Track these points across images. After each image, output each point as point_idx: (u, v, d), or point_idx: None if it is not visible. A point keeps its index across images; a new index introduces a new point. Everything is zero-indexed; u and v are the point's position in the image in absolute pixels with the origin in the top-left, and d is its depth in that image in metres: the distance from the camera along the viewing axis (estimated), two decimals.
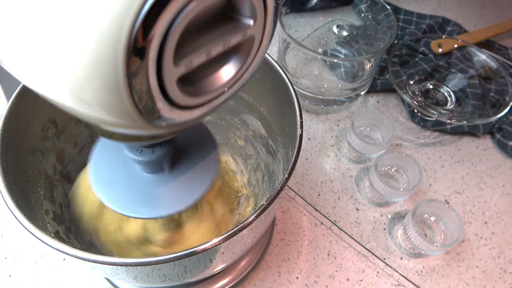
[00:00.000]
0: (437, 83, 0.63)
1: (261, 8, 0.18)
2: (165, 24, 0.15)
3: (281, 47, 0.60)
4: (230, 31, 0.18)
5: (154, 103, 0.17)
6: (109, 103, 0.16)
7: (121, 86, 0.15)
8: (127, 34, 0.14)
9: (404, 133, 0.59)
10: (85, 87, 0.16)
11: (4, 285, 0.43)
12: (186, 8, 0.15)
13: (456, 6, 0.78)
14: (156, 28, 0.14)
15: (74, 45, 0.14)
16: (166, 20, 0.15)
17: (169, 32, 0.15)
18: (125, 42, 0.14)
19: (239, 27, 0.18)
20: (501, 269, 0.47)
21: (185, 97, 0.18)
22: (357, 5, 0.65)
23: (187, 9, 0.15)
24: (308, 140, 0.57)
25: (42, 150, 0.35)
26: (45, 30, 0.15)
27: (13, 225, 0.47)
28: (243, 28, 0.18)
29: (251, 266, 0.44)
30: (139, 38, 0.14)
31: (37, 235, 0.25)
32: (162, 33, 0.15)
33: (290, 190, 0.52)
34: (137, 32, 0.14)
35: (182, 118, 0.19)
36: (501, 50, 0.69)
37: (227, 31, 0.18)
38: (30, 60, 0.16)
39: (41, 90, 0.17)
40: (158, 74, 0.16)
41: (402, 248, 0.48)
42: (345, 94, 0.59)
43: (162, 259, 0.24)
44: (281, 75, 0.35)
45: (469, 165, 0.56)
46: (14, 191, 0.28)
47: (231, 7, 0.18)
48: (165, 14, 0.14)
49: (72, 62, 0.15)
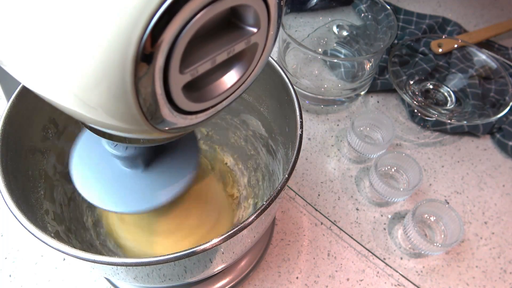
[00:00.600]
0: (437, 83, 0.63)
1: (264, 17, 0.18)
2: (173, 33, 0.15)
3: (281, 47, 0.60)
4: (234, 39, 0.18)
5: (160, 108, 0.17)
6: (115, 108, 0.16)
7: (128, 92, 0.16)
8: (136, 43, 0.14)
9: (404, 133, 0.59)
10: (91, 92, 0.16)
11: (4, 285, 0.43)
12: (193, 18, 0.15)
13: (456, 6, 0.78)
14: (165, 37, 0.15)
15: (84, 52, 0.15)
16: (174, 30, 0.15)
17: (176, 41, 0.15)
18: (134, 51, 0.14)
19: (243, 35, 0.18)
20: (501, 269, 0.47)
21: (190, 103, 0.18)
22: (357, 5, 0.65)
23: (194, 19, 0.15)
24: (308, 140, 0.57)
25: (42, 150, 0.35)
26: (55, 38, 0.15)
27: (13, 225, 0.47)
28: (247, 36, 0.18)
29: (251, 266, 0.44)
30: (148, 47, 0.14)
31: (37, 235, 0.25)
32: (170, 42, 0.15)
33: (290, 190, 0.52)
34: (146, 41, 0.14)
35: (186, 123, 0.19)
36: (501, 50, 0.69)
37: (231, 39, 0.18)
38: (39, 66, 0.16)
39: (48, 95, 0.18)
40: (164, 82, 0.16)
41: (402, 248, 0.48)
42: (345, 94, 0.59)
43: (162, 259, 0.24)
44: (281, 75, 0.35)
45: (469, 165, 0.56)
46: (14, 191, 0.28)
47: (235, 15, 0.18)
48: (173, 24, 0.15)
49: (80, 68, 0.15)
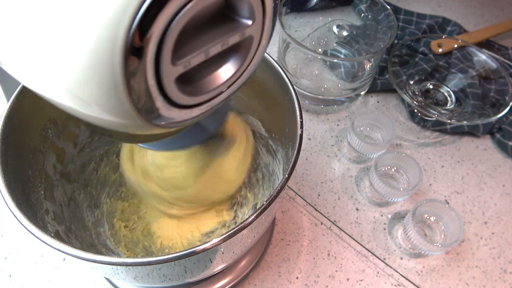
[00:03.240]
0: (437, 83, 0.63)
1: (259, 9, 0.18)
2: (162, 24, 0.15)
3: (281, 47, 0.60)
4: (229, 32, 0.18)
5: (153, 102, 0.17)
6: (108, 103, 0.16)
7: (119, 86, 0.15)
8: (125, 34, 0.14)
9: (404, 133, 0.59)
10: (83, 87, 0.15)
11: (4, 285, 0.43)
12: (183, 9, 0.15)
13: (456, 6, 0.78)
14: (154, 28, 0.14)
15: (72, 45, 0.14)
16: (163, 21, 0.14)
17: (166, 32, 0.15)
18: (122, 42, 0.14)
19: (237, 28, 0.18)
20: (501, 269, 0.47)
21: (183, 96, 0.18)
22: (357, 5, 0.65)
23: (184, 10, 0.15)
24: (308, 140, 0.57)
25: (42, 150, 0.35)
26: (42, 31, 0.15)
27: (13, 225, 0.47)
28: (242, 29, 0.18)
29: (251, 266, 0.44)
30: (137, 38, 0.14)
31: (37, 235, 0.25)
32: (160, 33, 0.15)
33: (290, 190, 0.52)
34: (134, 32, 0.14)
35: (181, 117, 0.19)
36: (501, 50, 0.69)
37: (225, 31, 0.18)
38: (28, 60, 0.16)
39: (40, 90, 0.17)
40: (156, 74, 0.16)
41: (402, 248, 0.48)
42: (345, 94, 0.59)
43: (162, 259, 0.24)
44: (281, 75, 0.35)
45: (469, 165, 0.56)
46: (14, 191, 0.28)
47: (229, 7, 0.18)
48: (162, 14, 0.14)
49: (70, 62, 0.15)
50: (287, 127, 0.35)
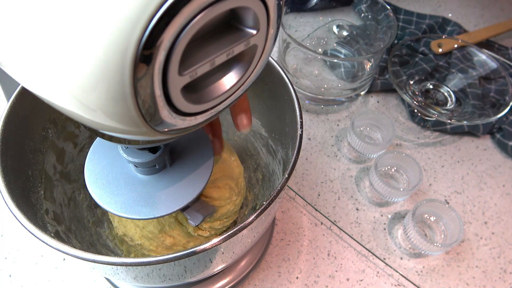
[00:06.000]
0: (437, 83, 0.63)
1: (264, 18, 0.18)
2: (172, 35, 0.15)
3: (281, 47, 0.60)
4: (234, 41, 0.18)
5: (159, 110, 0.17)
6: (114, 110, 0.16)
7: (127, 94, 0.15)
8: (135, 44, 0.14)
9: (404, 133, 0.59)
10: (90, 94, 0.16)
11: (4, 285, 0.43)
12: (193, 20, 0.15)
13: (456, 6, 0.78)
14: (164, 38, 0.15)
15: (83, 53, 0.15)
16: (173, 31, 0.15)
17: (175, 43, 0.15)
18: (133, 52, 0.14)
19: (242, 37, 0.18)
20: (501, 269, 0.47)
21: (189, 105, 0.18)
22: (357, 5, 0.65)
23: (194, 21, 0.15)
24: (308, 140, 0.57)
25: (42, 150, 0.35)
26: (54, 39, 0.15)
27: (13, 225, 0.47)
28: (246, 38, 0.18)
29: (251, 266, 0.44)
30: (147, 48, 0.14)
31: (37, 235, 0.26)
32: (169, 43, 0.15)
33: (290, 190, 0.52)
34: (145, 42, 0.14)
35: (186, 124, 0.19)
36: (501, 50, 0.69)
37: (230, 41, 0.18)
38: (35, 67, 0.16)
39: (46, 96, 0.17)
40: (163, 84, 0.16)
41: (402, 248, 0.48)
42: (345, 94, 0.59)
43: (162, 259, 0.24)
44: (281, 75, 0.35)
45: (469, 165, 0.56)
46: (14, 191, 0.28)
47: (234, 17, 0.18)
48: (173, 25, 0.14)
49: (78, 69, 0.15)
50: (287, 127, 0.35)
